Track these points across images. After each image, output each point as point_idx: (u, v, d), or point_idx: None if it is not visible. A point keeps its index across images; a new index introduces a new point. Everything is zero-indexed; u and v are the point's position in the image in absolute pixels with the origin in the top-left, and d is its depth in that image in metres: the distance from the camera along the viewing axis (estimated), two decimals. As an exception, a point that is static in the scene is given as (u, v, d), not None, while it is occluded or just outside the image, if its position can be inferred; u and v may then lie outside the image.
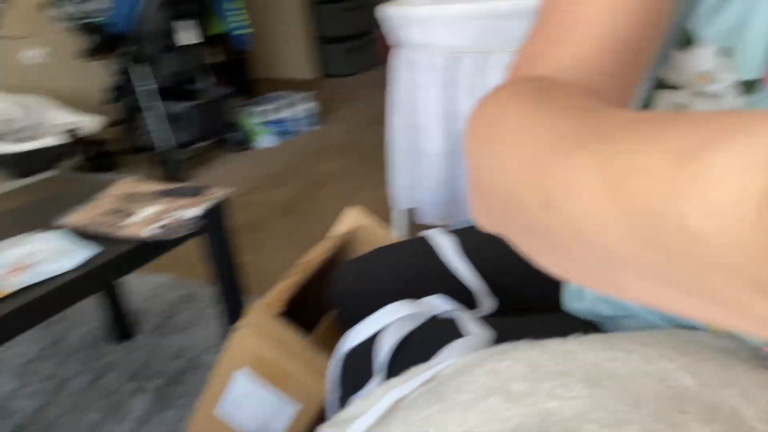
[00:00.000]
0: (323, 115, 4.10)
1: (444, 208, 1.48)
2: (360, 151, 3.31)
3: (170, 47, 3.04)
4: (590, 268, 0.26)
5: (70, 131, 2.70)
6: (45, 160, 2.75)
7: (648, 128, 0.22)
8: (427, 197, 1.49)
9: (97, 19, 2.97)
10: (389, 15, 1.43)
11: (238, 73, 4.36)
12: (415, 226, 1.91)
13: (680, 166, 0.18)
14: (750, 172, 0.16)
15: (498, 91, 0.38)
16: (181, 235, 1.27)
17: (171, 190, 1.42)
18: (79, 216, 1.35)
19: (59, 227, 1.29)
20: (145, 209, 1.35)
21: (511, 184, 0.29)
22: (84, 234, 1.28)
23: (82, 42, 3.02)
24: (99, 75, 3.59)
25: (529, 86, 0.37)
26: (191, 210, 1.33)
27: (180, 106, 3.05)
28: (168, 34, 2.99)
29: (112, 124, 3.38)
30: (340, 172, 3.04)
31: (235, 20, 3.22)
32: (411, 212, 1.78)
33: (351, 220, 1.17)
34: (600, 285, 0.27)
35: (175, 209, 1.33)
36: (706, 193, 0.17)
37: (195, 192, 1.41)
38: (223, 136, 3.45)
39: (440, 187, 1.44)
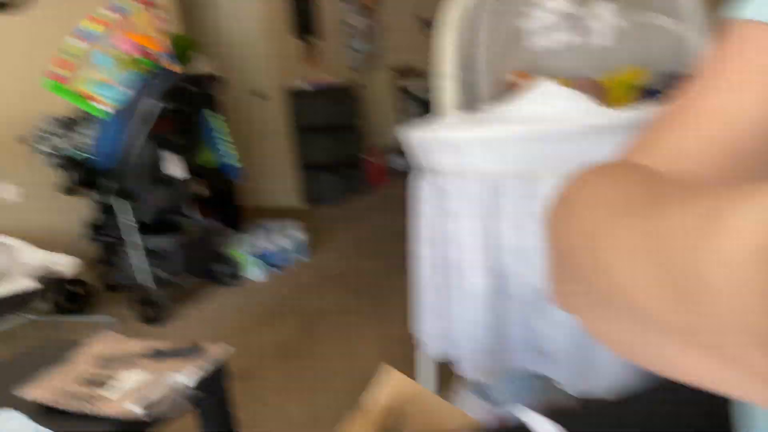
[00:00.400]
0: (314, 245, 3.92)
1: (488, 359, 1.25)
2: (356, 284, 3.09)
3: (155, 180, 2.89)
4: (638, 339, 0.26)
5: (44, 274, 2.46)
6: (15, 304, 2.48)
7: (689, 195, 0.24)
8: (466, 345, 1.26)
9: (80, 153, 2.83)
10: (415, 139, 1.28)
11: (226, 202, 4.22)
12: (448, 377, 1.66)
13: (705, 224, 0.20)
14: (764, 229, 0.17)
15: (583, 171, 0.38)
16: (171, 416, 1.01)
17: (159, 351, 1.17)
18: (46, 386, 1.09)
19: (19, 401, 1.03)
20: (127, 377, 1.09)
21: (573, 253, 0.31)
22: (50, 411, 1.02)
23: (62, 177, 2.86)
24: (76, 211, 3.40)
25: (613, 168, 0.37)
26: (184, 376, 1.07)
27: (164, 242, 2.85)
28: (154, 167, 2.85)
29: (90, 262, 3.14)
30: (336, 308, 2.80)
31: (224, 152, 3.11)
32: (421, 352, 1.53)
33: (389, 385, 0.93)
34: (648, 359, 0.27)
35: (164, 376, 1.08)
36: (721, 246, 0.19)
37: (187, 352, 1.16)
38: (209, 270, 3.23)
39: (483, 334, 1.22)
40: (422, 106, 6.05)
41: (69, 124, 2.86)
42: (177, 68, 2.89)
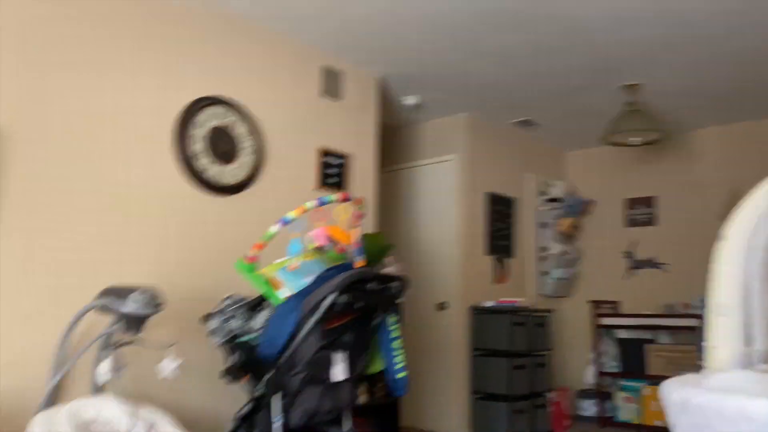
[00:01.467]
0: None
1: None
2: None
3: (316, 380, 2.62)
4: None
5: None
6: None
7: None
8: None
9: (248, 338, 2.70)
10: (680, 398, 0.84)
11: (385, 416, 3.81)
12: None
13: None
14: None
15: None
16: None
17: None
18: None
19: None
20: None
21: None
22: None
23: (226, 359, 2.72)
24: (231, 398, 3.22)
25: None
26: None
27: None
28: (317, 364, 2.59)
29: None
30: None
31: (395, 362, 2.79)
32: None
33: None
34: None
35: None
36: None
37: None
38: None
39: None
40: (621, 348, 5.37)
41: (249, 307, 2.78)
42: (364, 265, 2.76)
